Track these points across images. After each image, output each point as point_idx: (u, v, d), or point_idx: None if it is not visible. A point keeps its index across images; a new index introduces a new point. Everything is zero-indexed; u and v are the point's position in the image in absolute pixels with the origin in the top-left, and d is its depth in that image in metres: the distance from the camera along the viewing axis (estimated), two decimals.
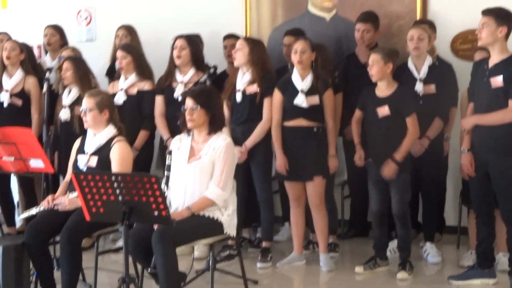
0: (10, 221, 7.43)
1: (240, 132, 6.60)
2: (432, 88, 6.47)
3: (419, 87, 6.46)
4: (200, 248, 6.58)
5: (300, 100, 6.33)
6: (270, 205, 6.76)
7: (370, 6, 7.33)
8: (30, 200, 7.23)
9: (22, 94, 7.22)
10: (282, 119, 6.43)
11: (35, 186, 7.34)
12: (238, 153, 6.39)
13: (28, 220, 6.85)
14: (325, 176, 6.41)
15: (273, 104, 6.46)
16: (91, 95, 5.77)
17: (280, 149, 6.45)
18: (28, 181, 7.25)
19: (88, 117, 5.71)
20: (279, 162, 6.44)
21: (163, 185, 5.13)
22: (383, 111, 6.12)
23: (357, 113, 6.38)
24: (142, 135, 6.93)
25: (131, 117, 6.78)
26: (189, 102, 5.35)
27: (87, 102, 5.72)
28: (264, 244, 6.74)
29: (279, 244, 7.16)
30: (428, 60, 6.49)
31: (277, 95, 6.44)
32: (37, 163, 5.58)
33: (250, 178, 6.66)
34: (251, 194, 6.75)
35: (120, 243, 6.99)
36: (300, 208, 6.48)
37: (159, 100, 6.98)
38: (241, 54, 6.54)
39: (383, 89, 6.17)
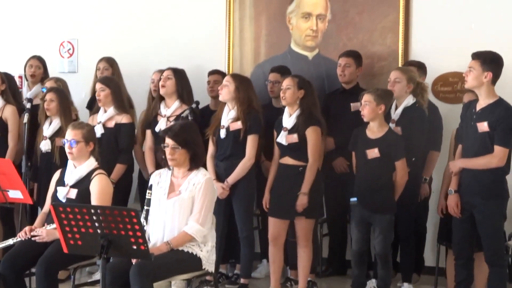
0: None
1: (223, 168, 6.61)
2: (398, 130, 6.42)
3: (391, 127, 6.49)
4: (177, 283, 6.51)
5: (280, 138, 6.36)
6: (251, 242, 6.75)
7: (353, 46, 7.40)
8: (8, 230, 7.17)
9: (0, 123, 7.19)
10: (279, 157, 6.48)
11: (14, 217, 7.30)
12: (220, 188, 6.41)
13: (4, 250, 6.86)
14: (308, 216, 6.38)
15: (274, 142, 6.51)
16: (77, 127, 5.77)
17: (269, 186, 6.51)
18: (7, 212, 7.18)
19: (74, 149, 5.71)
20: (264, 198, 6.51)
21: (142, 220, 5.12)
22: (373, 153, 6.16)
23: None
24: (118, 169, 6.88)
25: (108, 150, 6.74)
26: (170, 142, 5.34)
27: (74, 134, 5.71)
28: (242, 280, 6.74)
29: (257, 281, 7.13)
30: (406, 102, 6.50)
31: (275, 133, 6.50)
32: (16, 194, 5.56)
33: (231, 214, 6.65)
34: (231, 230, 6.73)
35: (97, 276, 6.96)
36: (278, 246, 6.47)
37: (148, 134, 7.02)
38: (226, 91, 6.57)
39: (374, 131, 6.21)
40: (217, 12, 7.97)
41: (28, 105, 6.96)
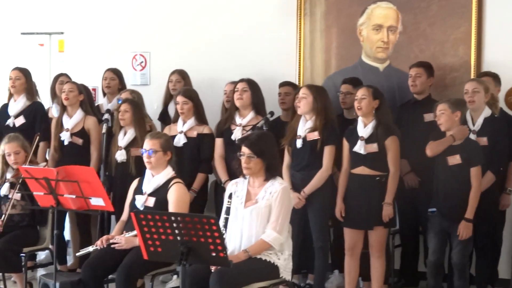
0: (62, 259, 7.50)
1: (299, 178, 6.64)
2: (484, 140, 6.47)
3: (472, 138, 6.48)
4: None
5: (358, 147, 6.38)
6: (326, 253, 6.78)
7: (424, 57, 7.39)
8: (85, 239, 7.34)
9: (82, 133, 7.37)
10: (350, 167, 6.49)
11: (91, 225, 7.46)
12: (296, 198, 6.45)
13: (81, 258, 7.02)
14: (386, 226, 6.41)
15: (343, 152, 6.54)
16: (155, 136, 5.90)
17: (341, 196, 6.53)
18: (85, 220, 7.35)
19: (153, 158, 5.82)
20: (337, 208, 6.52)
21: (221, 227, 5.19)
22: (454, 159, 6.16)
23: None
24: (200, 178, 7.02)
25: (190, 160, 6.88)
26: (246, 150, 5.41)
27: (152, 144, 5.83)
28: None
29: None
30: (485, 113, 6.50)
31: (345, 143, 6.53)
32: (97, 201, 5.68)
33: (307, 225, 6.68)
34: (305, 240, 6.76)
35: (171, 284, 7.08)
36: (355, 257, 6.47)
37: (218, 142, 7.09)
38: (305, 102, 6.61)
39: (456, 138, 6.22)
40: (288, 25, 8.03)
41: (107, 116, 7.13)
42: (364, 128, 6.40)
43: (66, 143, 7.37)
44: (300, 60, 8.01)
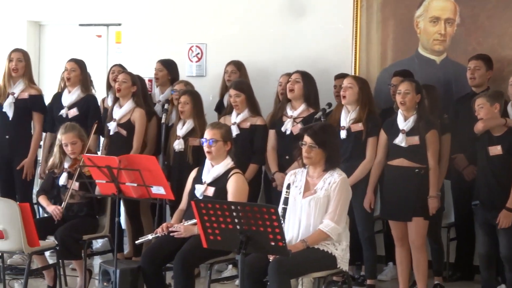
0: (119, 247, 7.61)
1: (343, 169, 6.63)
2: None
3: None
4: (305, 283, 6.61)
5: (399, 140, 6.38)
6: (372, 243, 6.83)
7: (482, 50, 7.36)
8: (135, 228, 7.45)
9: (128, 125, 7.44)
10: (387, 158, 6.49)
11: (141, 215, 7.57)
12: None
13: (136, 247, 7.13)
14: (426, 218, 6.38)
15: (378, 143, 6.56)
16: (216, 127, 5.96)
17: (372, 187, 6.60)
18: (134, 209, 7.46)
19: (213, 148, 5.88)
20: (366, 199, 6.58)
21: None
22: (495, 150, 6.14)
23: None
24: (252, 169, 7.07)
25: (242, 150, 6.93)
26: (308, 140, 5.43)
27: (212, 134, 5.89)
28: (368, 281, 6.81)
29: (383, 283, 7.16)
30: None
31: (382, 135, 6.54)
32: (158, 190, 5.74)
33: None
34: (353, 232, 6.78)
35: (226, 273, 7.15)
36: (405, 247, 6.47)
37: (271, 134, 7.14)
38: (351, 93, 6.65)
39: (497, 129, 6.19)
40: (344, 17, 8.04)
41: (166, 106, 7.22)
42: (405, 122, 6.40)
43: (111, 133, 7.48)
44: (356, 52, 8.01)
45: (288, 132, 6.96)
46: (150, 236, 5.89)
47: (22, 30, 9.52)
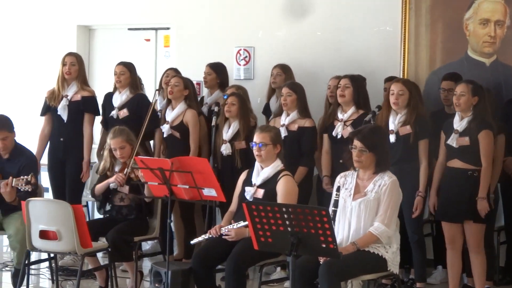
0: (169, 249, 7.67)
1: (392, 172, 6.64)
2: None
3: None
4: (354, 285, 6.61)
5: (451, 140, 6.37)
6: (422, 246, 6.80)
7: None
8: (189, 230, 7.53)
9: (180, 127, 7.53)
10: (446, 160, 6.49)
11: (194, 216, 7.64)
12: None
13: (186, 249, 7.19)
14: (477, 220, 6.33)
15: (440, 145, 6.54)
16: (265, 130, 6.00)
17: (435, 189, 6.54)
18: (189, 212, 7.53)
19: (263, 151, 5.92)
20: (430, 201, 6.55)
21: None
22: None
23: None
24: (301, 171, 7.07)
25: (290, 153, 6.92)
26: (358, 144, 5.45)
27: (262, 137, 5.93)
28: (418, 285, 6.79)
29: (432, 287, 7.13)
30: None
31: (442, 136, 6.52)
32: (210, 192, 5.80)
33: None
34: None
35: (274, 276, 7.18)
36: (456, 250, 6.44)
37: (325, 138, 7.16)
38: (404, 98, 6.63)
39: None
40: (392, 20, 8.03)
41: (215, 109, 7.29)
42: (460, 122, 6.38)
43: (165, 135, 7.57)
44: (405, 54, 7.99)
45: (339, 136, 6.97)
46: (201, 238, 5.94)
47: (72, 34, 9.66)
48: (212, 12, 9.00)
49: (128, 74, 7.80)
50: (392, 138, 6.63)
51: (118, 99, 7.80)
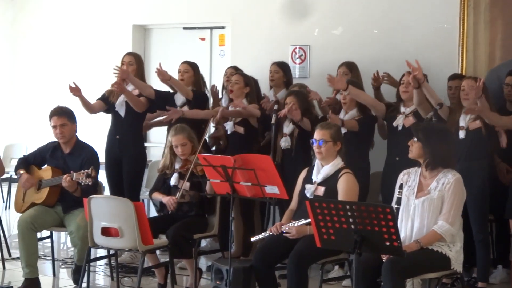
0: (226, 246, 7.68)
1: (458, 170, 6.54)
2: None
3: None
4: (414, 283, 6.57)
5: None
6: (487, 245, 6.73)
7: None
8: (249, 226, 7.58)
9: (244, 122, 7.58)
10: None
11: (254, 213, 7.67)
12: None
13: (245, 246, 7.20)
14: None
15: None
16: (325, 127, 5.98)
17: None
18: (249, 209, 7.56)
19: (323, 148, 5.92)
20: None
21: None
22: None
23: None
24: None
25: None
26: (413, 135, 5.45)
27: (322, 134, 5.92)
28: (480, 284, 6.72)
29: (493, 287, 7.05)
30: None
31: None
32: (272, 189, 5.80)
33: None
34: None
35: (332, 274, 7.16)
36: None
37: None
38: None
39: None
40: (451, 17, 7.99)
41: (275, 107, 7.28)
42: None
43: (229, 132, 7.61)
44: (463, 52, 7.93)
45: (400, 128, 6.94)
46: (261, 236, 5.95)
47: (128, 33, 9.75)
48: (267, 10, 9.03)
49: (192, 72, 7.91)
50: (461, 134, 6.62)
51: (180, 98, 7.85)
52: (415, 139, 5.41)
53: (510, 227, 6.49)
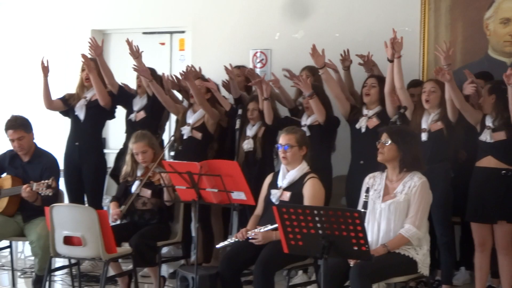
0: (188, 253, 7.62)
1: (422, 173, 6.58)
2: None
3: None
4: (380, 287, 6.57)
5: (484, 135, 6.33)
6: (451, 248, 6.73)
7: None
8: (208, 233, 7.44)
9: (202, 128, 7.48)
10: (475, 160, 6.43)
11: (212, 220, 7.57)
12: None
13: (205, 253, 7.13)
14: (510, 220, 6.28)
15: None
16: (291, 132, 5.93)
17: None
18: (206, 215, 7.45)
19: (289, 153, 5.87)
20: None
21: None
22: None
23: None
24: None
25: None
26: (383, 137, 5.41)
27: (288, 139, 5.88)
28: (444, 287, 6.71)
29: None
30: None
31: None
32: (239, 195, 5.75)
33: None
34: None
35: (296, 280, 7.11)
36: (486, 252, 6.39)
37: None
38: (435, 96, 6.62)
39: None
40: (412, 20, 7.97)
41: (239, 112, 7.24)
42: (492, 119, 6.38)
43: (185, 137, 7.50)
44: (424, 55, 7.93)
45: (363, 130, 6.94)
46: (228, 241, 5.89)
47: (87, 39, 9.59)
48: (227, 14, 8.95)
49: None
50: (424, 136, 6.60)
51: (138, 103, 7.77)
52: (385, 142, 5.38)
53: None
